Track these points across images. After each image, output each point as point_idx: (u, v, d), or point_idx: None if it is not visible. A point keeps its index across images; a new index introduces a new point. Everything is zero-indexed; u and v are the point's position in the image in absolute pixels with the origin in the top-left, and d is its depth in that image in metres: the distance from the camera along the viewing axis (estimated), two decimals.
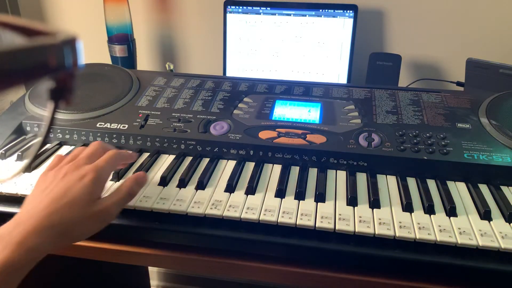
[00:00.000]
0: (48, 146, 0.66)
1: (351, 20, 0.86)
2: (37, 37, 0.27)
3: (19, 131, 0.68)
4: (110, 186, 0.56)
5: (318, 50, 0.89)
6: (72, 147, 0.66)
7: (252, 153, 0.62)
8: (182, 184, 0.56)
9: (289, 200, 0.53)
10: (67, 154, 0.53)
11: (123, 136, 0.65)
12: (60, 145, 0.67)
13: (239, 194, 0.55)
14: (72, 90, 0.29)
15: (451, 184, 0.57)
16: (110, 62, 0.93)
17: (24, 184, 0.57)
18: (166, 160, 0.63)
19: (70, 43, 0.27)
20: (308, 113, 0.68)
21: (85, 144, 0.66)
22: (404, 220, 0.50)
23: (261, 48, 0.92)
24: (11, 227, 0.42)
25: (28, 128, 0.68)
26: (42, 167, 0.61)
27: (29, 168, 0.60)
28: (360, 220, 0.50)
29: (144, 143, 0.65)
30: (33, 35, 0.27)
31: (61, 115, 0.67)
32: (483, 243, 0.46)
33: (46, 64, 0.26)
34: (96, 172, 0.47)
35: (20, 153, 0.61)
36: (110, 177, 0.56)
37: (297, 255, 0.50)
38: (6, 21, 0.28)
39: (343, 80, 0.90)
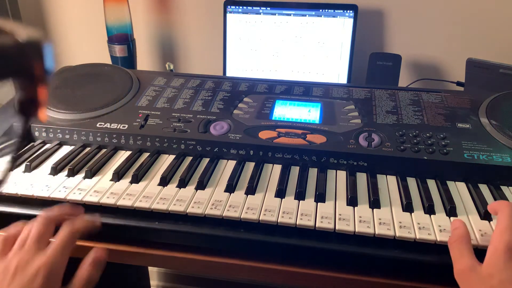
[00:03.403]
0: (48, 146, 0.66)
1: (351, 20, 0.86)
2: None
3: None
4: (110, 186, 0.56)
5: (318, 50, 0.89)
6: (72, 147, 0.66)
7: (252, 153, 0.62)
8: (182, 184, 0.56)
9: (289, 200, 0.53)
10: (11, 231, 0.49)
11: (123, 136, 0.65)
12: (60, 145, 0.67)
13: (239, 194, 0.55)
14: (43, 103, 0.25)
15: (451, 184, 0.57)
16: (110, 62, 0.93)
17: (24, 184, 0.57)
18: (166, 160, 0.63)
19: (34, 46, 0.23)
20: (308, 113, 0.68)
21: (86, 145, 0.66)
22: (404, 220, 0.50)
23: (261, 48, 0.92)
24: None
25: None
26: (42, 167, 0.61)
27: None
28: (360, 220, 0.50)
29: (144, 143, 0.65)
30: None
31: (61, 115, 0.67)
32: (483, 243, 0.46)
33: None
34: (47, 268, 0.44)
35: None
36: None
37: (297, 255, 0.50)
38: None
39: (343, 80, 0.90)
